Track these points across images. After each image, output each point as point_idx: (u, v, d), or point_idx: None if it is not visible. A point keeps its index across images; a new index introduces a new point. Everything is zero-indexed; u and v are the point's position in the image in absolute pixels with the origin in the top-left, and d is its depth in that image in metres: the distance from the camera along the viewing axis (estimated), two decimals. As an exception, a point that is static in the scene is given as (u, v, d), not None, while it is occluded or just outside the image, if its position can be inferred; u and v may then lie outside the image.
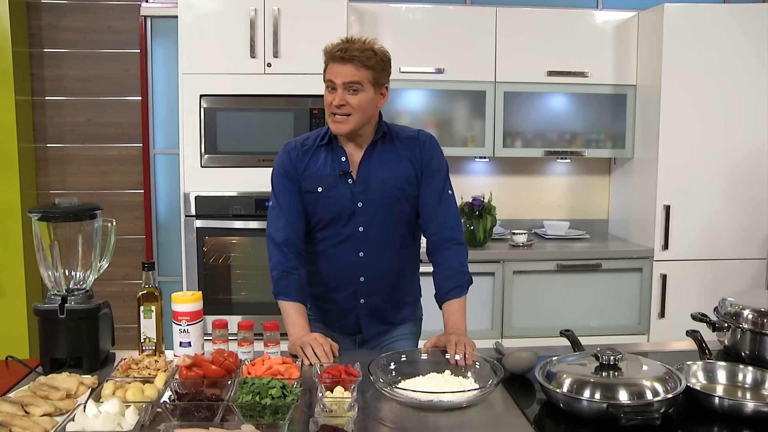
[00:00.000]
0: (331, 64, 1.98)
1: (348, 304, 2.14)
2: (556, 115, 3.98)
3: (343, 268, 2.11)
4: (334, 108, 1.98)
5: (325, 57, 2.00)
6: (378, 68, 1.99)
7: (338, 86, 1.96)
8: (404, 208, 2.10)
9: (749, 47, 3.64)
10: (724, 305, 1.98)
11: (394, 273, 2.15)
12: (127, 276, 3.94)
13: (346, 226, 2.07)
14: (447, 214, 2.12)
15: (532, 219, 4.23)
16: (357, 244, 2.08)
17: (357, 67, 1.95)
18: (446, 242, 2.10)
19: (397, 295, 2.20)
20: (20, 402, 1.51)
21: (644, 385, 1.54)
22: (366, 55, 1.96)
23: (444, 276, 2.07)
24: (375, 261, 2.10)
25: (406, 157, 2.09)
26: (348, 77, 1.95)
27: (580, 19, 3.84)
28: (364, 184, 2.06)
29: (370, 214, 2.06)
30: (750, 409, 1.53)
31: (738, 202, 3.72)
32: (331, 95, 1.98)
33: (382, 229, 2.08)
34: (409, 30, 3.69)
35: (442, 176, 2.13)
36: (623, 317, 3.75)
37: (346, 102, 1.97)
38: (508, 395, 1.70)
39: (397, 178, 2.07)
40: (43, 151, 3.97)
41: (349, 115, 1.98)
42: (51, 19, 3.90)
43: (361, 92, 1.97)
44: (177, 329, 1.87)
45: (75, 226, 1.85)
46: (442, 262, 2.09)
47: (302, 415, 1.53)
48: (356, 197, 2.06)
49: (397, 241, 2.12)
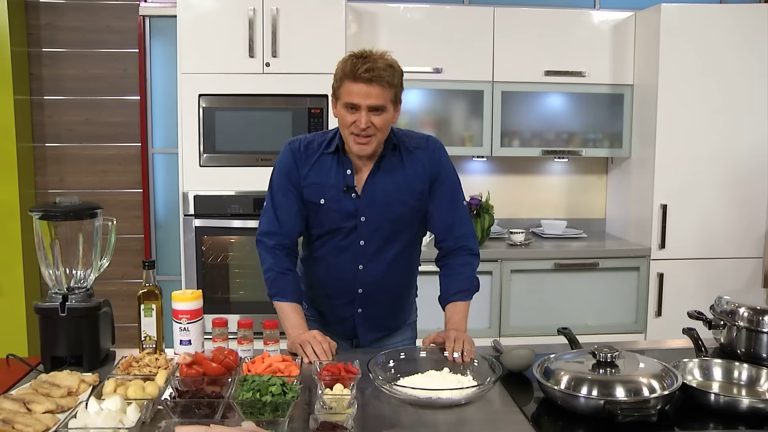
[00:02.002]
0: (353, 83, 1.87)
1: (345, 311, 2.13)
2: (554, 114, 3.99)
3: (342, 279, 2.08)
4: (356, 129, 1.90)
5: (342, 74, 1.89)
6: (399, 85, 1.94)
7: (362, 108, 1.87)
8: (408, 221, 2.06)
9: (745, 47, 3.66)
10: (720, 303, 2.00)
11: (393, 286, 2.13)
12: (125, 275, 3.95)
13: (346, 238, 2.04)
14: (462, 226, 2.10)
15: (530, 218, 4.25)
16: (357, 257, 2.05)
17: (383, 87, 1.87)
18: (461, 250, 2.09)
19: (395, 305, 2.19)
20: (22, 399, 1.52)
21: (641, 382, 1.55)
22: (389, 73, 1.88)
23: (454, 279, 2.07)
24: (374, 274, 2.07)
25: (414, 172, 2.03)
26: (375, 100, 1.87)
27: (578, 19, 3.85)
28: (369, 198, 2.01)
29: (372, 229, 2.03)
30: (745, 406, 1.54)
31: (734, 201, 3.74)
32: (352, 116, 1.89)
33: (383, 243, 2.05)
34: (407, 30, 3.70)
35: (451, 185, 2.10)
36: (620, 316, 3.77)
37: (371, 124, 1.89)
38: (506, 392, 1.71)
39: (402, 193, 2.03)
40: (42, 150, 3.98)
41: (372, 136, 1.92)
42: (49, 18, 3.91)
43: (384, 112, 1.90)
44: (177, 327, 1.88)
45: (76, 224, 1.87)
46: (455, 266, 2.08)
47: (302, 412, 1.54)
48: (359, 211, 2.01)
49: (398, 255, 2.08)
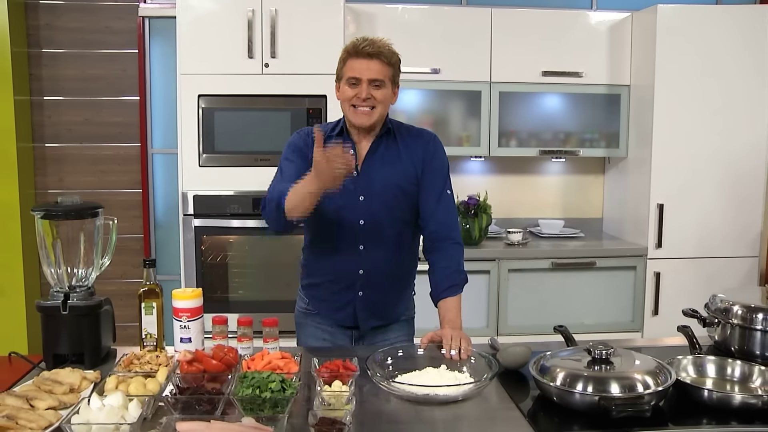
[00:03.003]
0: (356, 59, 2.02)
1: (346, 296, 2.17)
2: (551, 114, 4.01)
3: (343, 261, 2.14)
4: (357, 101, 2.03)
5: (346, 54, 2.05)
6: (397, 66, 2.09)
7: (363, 81, 2.02)
8: (404, 206, 2.14)
9: (742, 47, 3.68)
10: (714, 301, 2.02)
11: (393, 268, 2.18)
12: (125, 275, 3.97)
13: (347, 218, 2.10)
14: (446, 214, 2.15)
15: (527, 218, 4.27)
16: (357, 238, 2.11)
17: (382, 63, 2.02)
18: (444, 241, 2.14)
19: (395, 289, 2.23)
20: (25, 396, 1.54)
21: (635, 379, 1.57)
22: (389, 52, 2.04)
23: (441, 275, 2.11)
24: (374, 255, 2.12)
25: (409, 157, 2.13)
26: (375, 74, 2.02)
27: (575, 20, 3.88)
28: (367, 179, 2.10)
29: (372, 209, 2.10)
30: (737, 402, 1.57)
31: (731, 201, 3.76)
32: (353, 89, 2.03)
33: (382, 224, 2.11)
34: (405, 30, 3.71)
35: (442, 176, 2.17)
36: (617, 315, 3.79)
37: (371, 95, 2.03)
38: (502, 389, 1.73)
39: (398, 177, 2.11)
40: (41, 150, 3.99)
41: (373, 108, 2.05)
42: (49, 19, 3.92)
43: (383, 88, 2.04)
44: (177, 325, 1.89)
45: (77, 224, 1.89)
46: (440, 261, 2.13)
47: (301, 409, 1.56)
48: (358, 191, 2.09)
49: (396, 237, 2.15)
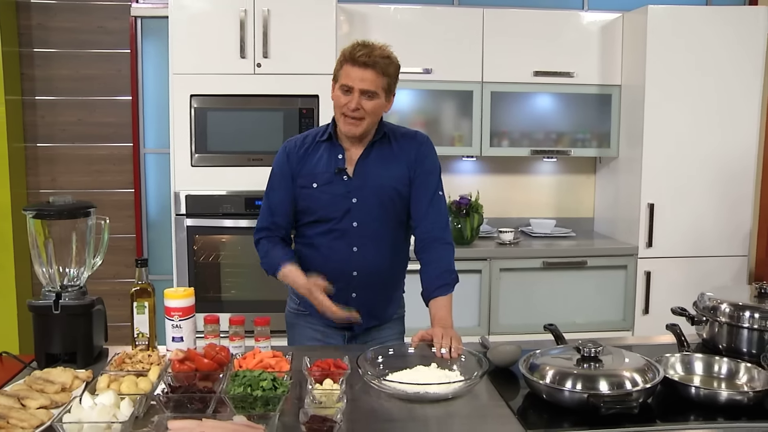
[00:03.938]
0: (351, 66, 2.00)
1: (340, 297, 2.16)
2: (543, 114, 4.03)
3: (337, 263, 2.14)
4: (347, 110, 2.03)
5: (343, 58, 2.03)
6: (393, 76, 2.07)
7: (355, 91, 2.00)
8: (398, 207, 2.15)
9: (731, 48, 3.70)
10: (702, 300, 2.04)
11: (387, 269, 2.20)
12: (117, 275, 3.96)
13: (340, 221, 2.11)
14: (437, 215, 2.17)
15: (519, 217, 4.28)
16: (351, 239, 2.12)
17: (377, 74, 2.00)
18: (435, 242, 2.15)
19: (388, 290, 2.25)
20: (16, 395, 1.54)
21: (624, 376, 1.59)
22: (385, 62, 2.01)
23: (432, 275, 2.12)
24: (368, 256, 2.14)
25: (402, 159, 2.15)
26: (368, 84, 2.00)
27: (566, 20, 3.89)
28: (360, 180, 2.11)
29: (365, 210, 2.11)
30: (724, 398, 1.59)
31: (721, 200, 3.78)
32: (345, 98, 2.02)
33: (376, 225, 2.12)
34: (397, 30, 3.72)
35: (434, 177, 2.19)
36: (608, 314, 3.81)
37: (361, 107, 2.01)
38: (492, 387, 1.75)
39: (392, 178, 2.13)
40: (34, 150, 3.98)
41: (362, 119, 2.04)
42: (41, 18, 3.91)
43: (375, 98, 2.03)
44: (170, 324, 1.90)
45: (69, 223, 1.89)
46: (431, 261, 2.14)
47: (292, 407, 1.57)
48: (351, 193, 2.10)
49: (390, 238, 2.17)
